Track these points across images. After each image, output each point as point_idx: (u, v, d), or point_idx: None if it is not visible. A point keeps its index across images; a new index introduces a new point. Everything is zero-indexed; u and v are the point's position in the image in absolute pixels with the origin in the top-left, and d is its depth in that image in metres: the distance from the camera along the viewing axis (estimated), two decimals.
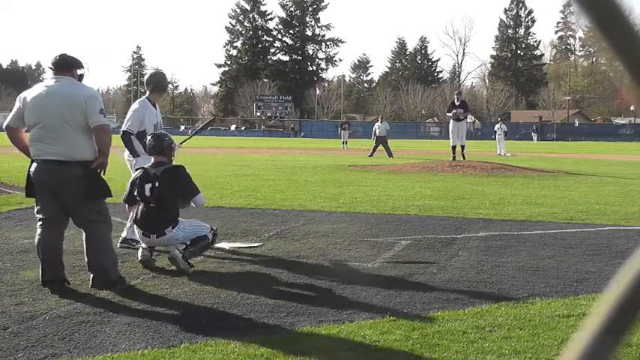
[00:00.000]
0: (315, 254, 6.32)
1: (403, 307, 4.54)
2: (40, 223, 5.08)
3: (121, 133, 6.57)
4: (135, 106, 6.77)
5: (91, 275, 5.07)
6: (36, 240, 5.07)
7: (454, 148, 18.97)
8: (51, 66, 5.13)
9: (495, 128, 31.67)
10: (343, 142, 35.57)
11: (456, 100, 19.38)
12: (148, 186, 5.65)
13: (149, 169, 5.79)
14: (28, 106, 5.00)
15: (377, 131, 26.61)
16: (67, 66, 5.12)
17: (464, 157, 18.87)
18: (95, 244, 5.08)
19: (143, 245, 5.70)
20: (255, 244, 6.77)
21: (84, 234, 5.15)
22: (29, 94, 5.07)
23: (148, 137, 5.96)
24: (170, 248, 5.63)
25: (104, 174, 5.18)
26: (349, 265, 5.87)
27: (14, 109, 5.13)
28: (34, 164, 5.04)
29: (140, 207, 5.70)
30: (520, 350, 3.66)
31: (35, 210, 5.16)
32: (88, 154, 5.03)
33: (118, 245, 6.38)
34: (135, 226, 5.84)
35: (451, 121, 19.14)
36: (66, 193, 5.00)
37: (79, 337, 3.88)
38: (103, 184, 5.10)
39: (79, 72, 5.20)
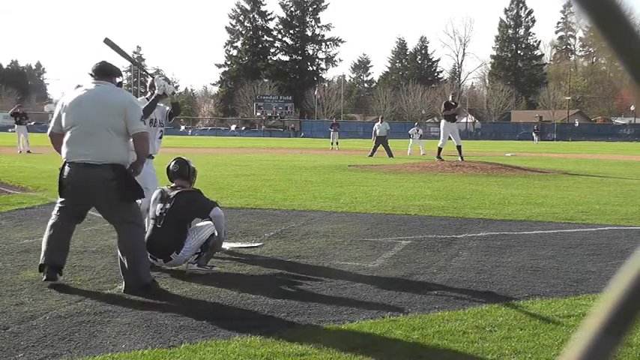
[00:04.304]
0: (315, 254, 6.32)
1: (403, 307, 4.54)
2: (57, 210, 5.12)
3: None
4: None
5: (124, 280, 4.96)
6: (49, 223, 5.11)
7: (440, 149, 18.82)
8: (91, 72, 5.18)
9: (410, 131, 30.40)
10: (332, 142, 35.58)
11: (451, 100, 19.34)
12: (159, 206, 5.58)
13: (166, 190, 5.72)
14: (66, 110, 5.04)
15: (377, 131, 26.62)
16: (107, 73, 5.19)
17: (462, 157, 18.75)
18: (129, 247, 5.01)
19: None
20: (255, 244, 6.77)
21: (117, 236, 5.10)
22: (67, 98, 5.13)
23: (172, 162, 5.90)
24: (183, 266, 5.57)
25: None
26: (349, 265, 5.86)
27: (54, 116, 5.18)
28: (66, 167, 5.04)
29: (150, 227, 5.61)
30: (520, 350, 3.66)
31: (58, 200, 5.18)
32: (120, 157, 5.01)
33: None
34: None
35: (446, 122, 18.96)
36: (96, 195, 4.99)
37: (79, 337, 3.88)
38: (135, 186, 5.08)
39: (117, 80, 5.29)
